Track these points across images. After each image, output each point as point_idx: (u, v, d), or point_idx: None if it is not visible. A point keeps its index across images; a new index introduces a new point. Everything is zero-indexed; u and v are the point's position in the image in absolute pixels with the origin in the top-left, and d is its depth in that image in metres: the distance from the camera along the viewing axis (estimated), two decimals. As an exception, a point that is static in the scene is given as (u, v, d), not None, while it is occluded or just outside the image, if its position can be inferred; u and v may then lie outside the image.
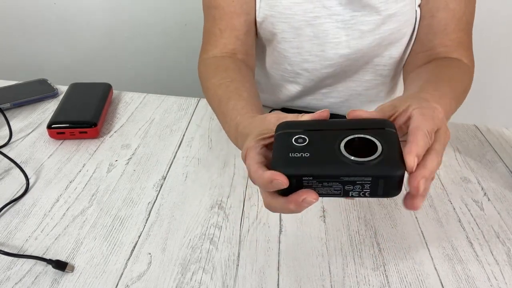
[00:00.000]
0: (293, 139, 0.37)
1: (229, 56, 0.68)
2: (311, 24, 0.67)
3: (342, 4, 0.66)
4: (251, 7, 0.69)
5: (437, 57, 0.67)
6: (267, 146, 0.41)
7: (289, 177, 0.35)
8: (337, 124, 0.38)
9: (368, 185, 0.35)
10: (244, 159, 0.40)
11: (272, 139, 0.40)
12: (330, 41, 0.68)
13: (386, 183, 0.34)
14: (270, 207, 0.39)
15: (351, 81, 0.75)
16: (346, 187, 0.35)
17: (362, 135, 0.36)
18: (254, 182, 0.38)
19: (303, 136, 0.37)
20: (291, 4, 0.66)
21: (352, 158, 0.34)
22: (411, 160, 0.34)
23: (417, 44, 0.70)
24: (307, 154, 0.36)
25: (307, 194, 0.35)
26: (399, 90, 0.84)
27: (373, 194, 0.35)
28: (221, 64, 0.66)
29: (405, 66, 0.74)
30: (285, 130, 0.39)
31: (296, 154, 0.36)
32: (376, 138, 0.35)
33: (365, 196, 0.36)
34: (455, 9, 0.65)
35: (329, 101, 0.79)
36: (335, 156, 0.35)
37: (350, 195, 0.36)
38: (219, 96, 0.59)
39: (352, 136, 0.36)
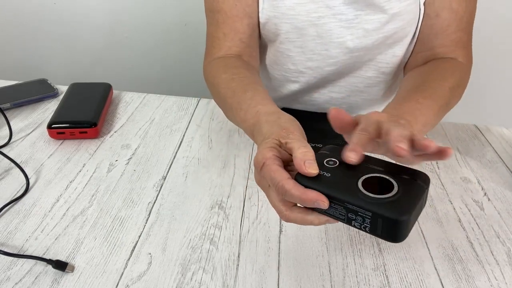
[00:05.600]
0: (326, 160, 0.40)
1: (235, 57, 0.68)
2: (315, 24, 0.67)
3: (345, 4, 0.66)
4: (254, 10, 0.69)
5: (435, 58, 0.67)
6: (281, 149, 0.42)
7: (304, 187, 0.38)
8: (375, 162, 0.39)
9: (369, 220, 0.35)
10: (260, 167, 0.40)
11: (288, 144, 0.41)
12: (334, 40, 0.68)
13: (385, 224, 0.35)
14: (289, 219, 0.40)
15: (353, 77, 0.75)
16: (349, 215, 0.37)
17: (384, 176, 0.37)
18: (284, 196, 0.38)
19: (335, 159, 0.40)
20: (294, 4, 0.66)
21: (362, 190, 0.36)
22: (351, 152, 0.38)
23: (418, 44, 0.70)
24: (328, 175, 0.38)
25: (318, 198, 0.37)
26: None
27: (373, 231, 0.36)
28: (230, 62, 0.66)
29: (405, 66, 0.74)
30: (327, 151, 0.42)
31: (320, 172, 0.38)
32: (397, 183, 0.36)
33: (365, 231, 0.36)
34: (457, 9, 0.65)
35: (331, 96, 0.79)
36: (349, 184, 0.37)
37: (352, 224, 0.37)
38: (233, 88, 0.59)
39: (375, 174, 0.37)
